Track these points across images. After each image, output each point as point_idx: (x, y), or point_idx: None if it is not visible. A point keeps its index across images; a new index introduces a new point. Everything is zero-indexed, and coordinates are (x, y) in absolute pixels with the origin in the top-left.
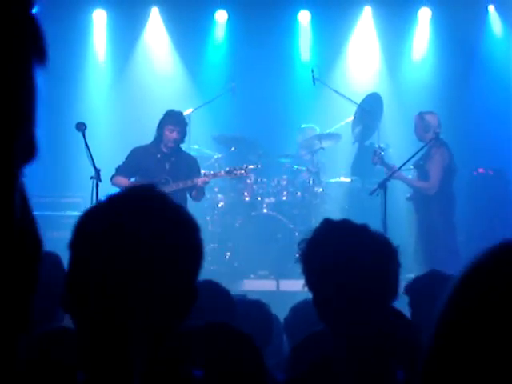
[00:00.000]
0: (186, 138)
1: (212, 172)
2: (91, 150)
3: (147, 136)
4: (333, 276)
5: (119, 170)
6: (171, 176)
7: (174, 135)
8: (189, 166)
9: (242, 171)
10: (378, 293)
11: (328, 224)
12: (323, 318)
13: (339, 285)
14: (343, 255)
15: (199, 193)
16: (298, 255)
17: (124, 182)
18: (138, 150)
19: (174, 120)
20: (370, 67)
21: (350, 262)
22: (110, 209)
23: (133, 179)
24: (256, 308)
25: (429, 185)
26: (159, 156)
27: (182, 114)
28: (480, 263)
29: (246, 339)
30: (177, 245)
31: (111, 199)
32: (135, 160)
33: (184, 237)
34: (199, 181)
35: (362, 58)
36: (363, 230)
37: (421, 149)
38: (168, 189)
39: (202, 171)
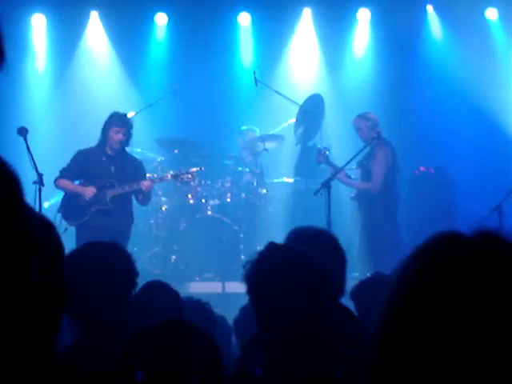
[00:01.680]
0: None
1: (157, 176)
2: (33, 155)
3: (90, 139)
4: (272, 297)
5: (63, 173)
6: (116, 179)
7: (120, 137)
8: (134, 169)
9: (189, 175)
10: (316, 313)
11: (271, 248)
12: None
13: (278, 303)
14: (282, 278)
15: (145, 197)
16: (243, 275)
17: (68, 184)
18: (82, 152)
19: (118, 121)
20: (311, 68)
21: (287, 285)
22: None
23: (77, 182)
24: (198, 307)
25: (371, 185)
26: (104, 159)
27: (126, 115)
28: (420, 251)
29: (206, 337)
30: (29, 247)
31: None
32: (80, 163)
33: (37, 239)
34: (144, 185)
35: (303, 59)
36: (303, 257)
37: (363, 148)
38: (113, 192)
39: (148, 175)
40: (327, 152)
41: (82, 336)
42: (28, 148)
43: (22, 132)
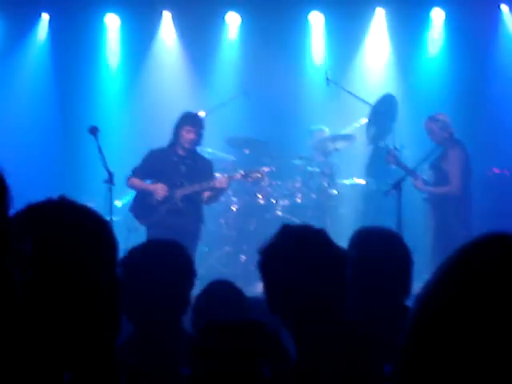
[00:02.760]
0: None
1: (228, 175)
2: (104, 154)
3: (160, 139)
4: (288, 282)
5: (135, 172)
6: (187, 179)
7: (191, 136)
8: (204, 169)
9: (258, 174)
10: (335, 298)
11: (285, 231)
12: (283, 320)
13: (295, 291)
14: (297, 262)
15: (213, 196)
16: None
17: (139, 183)
18: (154, 152)
19: (190, 121)
20: (383, 68)
21: (303, 270)
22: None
23: (148, 181)
24: (263, 307)
25: (451, 188)
26: (175, 159)
27: (198, 115)
28: (465, 251)
29: (274, 338)
30: (87, 242)
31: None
32: (151, 162)
33: (92, 235)
34: (217, 183)
35: (375, 58)
36: (318, 237)
37: (434, 149)
38: (183, 191)
39: (218, 175)
40: (397, 152)
41: (134, 333)
42: (99, 147)
43: (93, 131)
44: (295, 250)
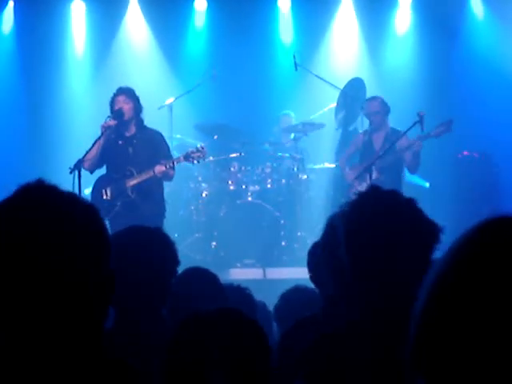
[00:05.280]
0: (169, 128)
1: (171, 159)
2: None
3: None
4: (370, 250)
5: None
6: (134, 163)
7: (121, 105)
8: (153, 143)
9: (199, 153)
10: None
11: (375, 192)
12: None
13: (378, 261)
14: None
15: (165, 178)
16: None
17: (92, 151)
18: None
19: (117, 92)
20: (351, 52)
21: (389, 239)
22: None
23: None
24: (238, 292)
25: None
26: (121, 142)
27: (127, 87)
28: (470, 237)
29: (259, 328)
30: (75, 234)
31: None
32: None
33: (82, 225)
34: (156, 171)
35: (343, 42)
36: (409, 204)
37: (407, 130)
38: (132, 181)
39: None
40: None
41: (117, 321)
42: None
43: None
44: (384, 218)
